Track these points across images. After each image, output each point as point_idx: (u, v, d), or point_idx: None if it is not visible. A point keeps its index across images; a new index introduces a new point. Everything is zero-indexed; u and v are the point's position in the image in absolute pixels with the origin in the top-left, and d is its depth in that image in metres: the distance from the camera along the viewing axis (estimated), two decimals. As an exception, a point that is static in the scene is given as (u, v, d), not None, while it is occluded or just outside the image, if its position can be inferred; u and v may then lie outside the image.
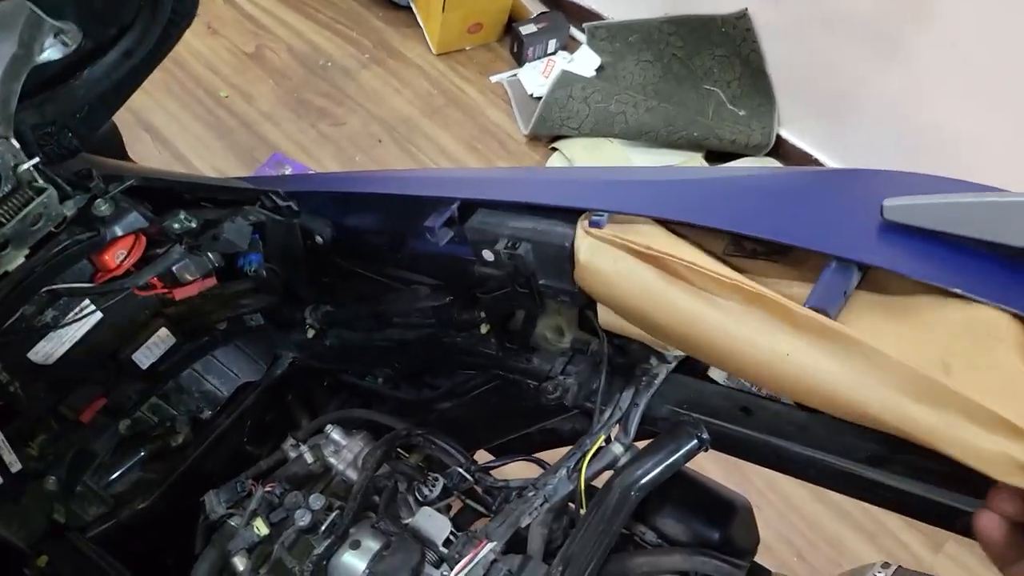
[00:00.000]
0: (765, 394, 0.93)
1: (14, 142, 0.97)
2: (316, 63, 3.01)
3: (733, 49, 2.65)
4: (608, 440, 0.94)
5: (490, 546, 0.85)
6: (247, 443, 1.36)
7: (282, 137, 2.77)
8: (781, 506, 1.98)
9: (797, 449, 0.86)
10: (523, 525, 0.89)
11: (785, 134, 2.71)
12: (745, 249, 0.80)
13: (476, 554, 0.84)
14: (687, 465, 0.99)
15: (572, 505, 0.97)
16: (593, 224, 0.85)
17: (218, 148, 2.70)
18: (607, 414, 0.92)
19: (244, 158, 2.68)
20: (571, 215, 0.87)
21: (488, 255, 0.93)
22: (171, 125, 2.73)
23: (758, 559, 1.02)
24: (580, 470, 0.90)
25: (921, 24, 2.23)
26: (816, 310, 0.68)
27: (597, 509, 0.86)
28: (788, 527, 1.98)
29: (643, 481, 0.87)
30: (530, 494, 0.90)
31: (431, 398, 1.33)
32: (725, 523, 0.99)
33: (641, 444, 0.94)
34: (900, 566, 0.86)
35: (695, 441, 0.89)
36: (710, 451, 0.96)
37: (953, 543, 2.03)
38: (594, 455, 0.92)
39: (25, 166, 0.98)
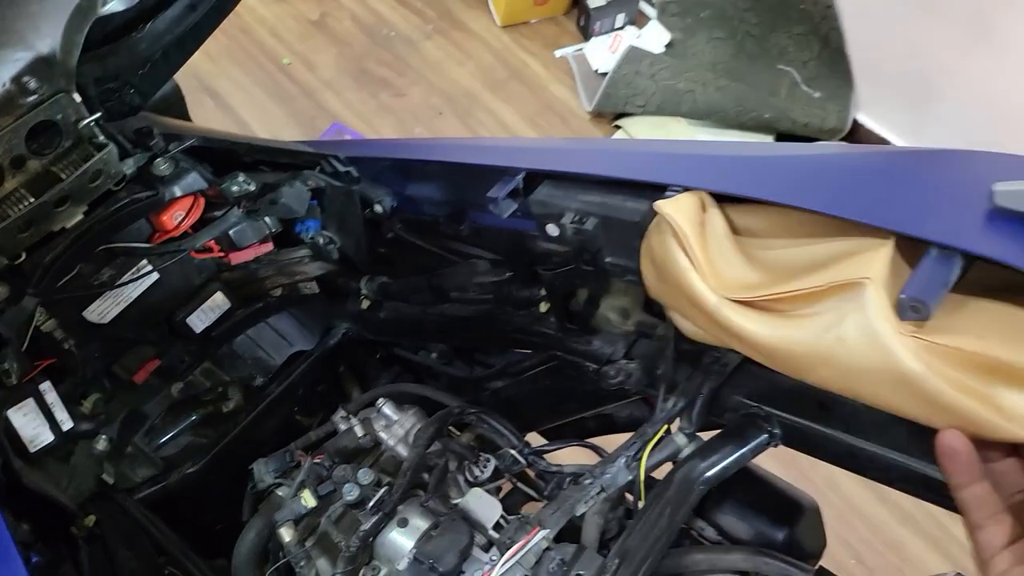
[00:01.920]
0: (843, 390, 0.87)
1: (76, 96, 0.95)
2: (379, 32, 2.98)
3: (812, 27, 2.53)
4: (670, 430, 0.89)
5: (543, 533, 0.81)
6: (297, 413, 1.35)
7: (343, 106, 2.75)
8: (842, 507, 1.91)
9: (876, 450, 0.81)
10: (578, 514, 0.85)
11: (862, 119, 2.59)
12: None
13: (528, 541, 0.80)
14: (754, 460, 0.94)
15: (629, 496, 0.92)
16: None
17: (279, 115, 2.70)
18: (671, 402, 0.87)
19: (305, 126, 2.67)
20: (643, 190, 0.82)
21: (553, 230, 0.89)
22: (234, 91, 2.73)
23: (818, 561, 0.97)
24: (640, 459, 0.85)
25: (1015, 4, 2.10)
26: (914, 301, 0.62)
27: (657, 501, 0.82)
28: (848, 529, 1.90)
29: (708, 474, 0.82)
30: (587, 482, 0.86)
31: (483, 376, 1.30)
32: (790, 523, 0.94)
33: (706, 436, 0.89)
34: (970, 577, 0.79)
35: (765, 435, 0.84)
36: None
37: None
38: (656, 445, 0.87)
39: (86, 121, 0.97)
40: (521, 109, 2.79)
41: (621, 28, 2.97)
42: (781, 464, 1.35)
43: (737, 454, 0.83)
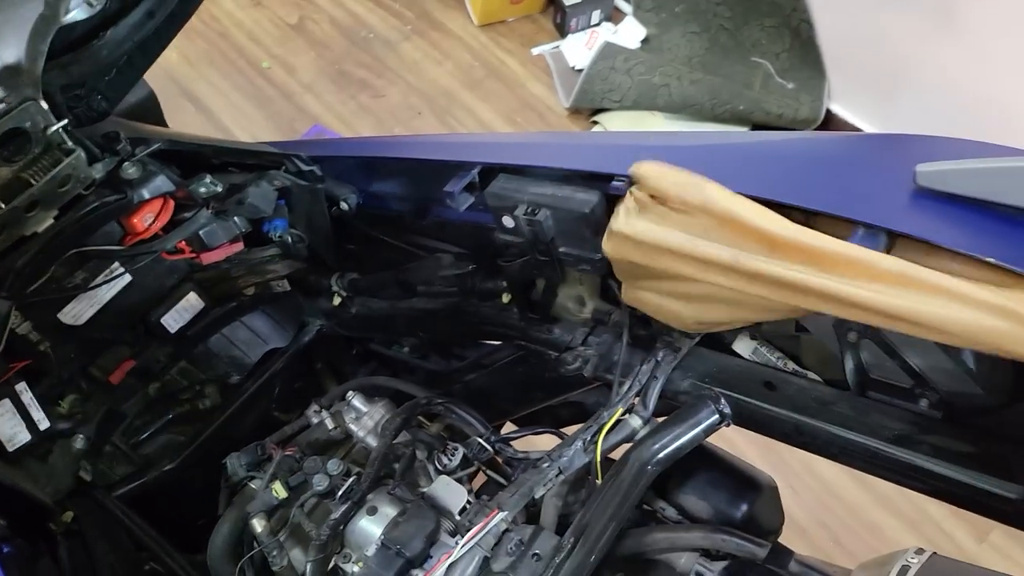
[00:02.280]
0: (791, 369, 0.90)
1: (43, 103, 0.98)
2: (358, 35, 3.00)
3: (783, 20, 2.56)
4: (627, 413, 0.91)
5: (501, 515, 0.84)
6: (276, 409, 1.37)
7: (323, 108, 2.77)
8: (819, 490, 1.93)
9: (821, 426, 0.84)
10: (537, 496, 0.88)
11: (835, 108, 2.62)
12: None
13: (487, 523, 0.82)
14: (712, 442, 0.97)
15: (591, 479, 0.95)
16: (613, 190, 0.83)
17: (259, 118, 2.71)
18: (626, 386, 0.90)
19: (285, 129, 2.69)
20: (593, 181, 0.85)
21: (508, 221, 0.91)
22: (213, 95, 2.75)
23: (792, 542, 0.99)
24: (596, 442, 0.88)
25: (980, -6, 2.13)
26: (840, 279, 0.65)
27: (612, 482, 0.84)
28: (825, 512, 1.93)
29: (661, 455, 0.85)
30: (544, 465, 0.89)
31: (457, 369, 1.32)
32: (748, 501, 0.96)
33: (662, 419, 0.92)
34: (935, 553, 0.82)
35: (716, 415, 0.86)
36: (746, 432, 0.93)
37: (999, 532, 1.96)
38: (612, 428, 0.90)
39: (54, 127, 0.99)
40: (499, 107, 2.82)
41: (597, 25, 3.00)
42: (759, 449, 1.38)
43: (689, 434, 0.85)
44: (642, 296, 0.84)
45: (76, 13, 0.95)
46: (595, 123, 2.74)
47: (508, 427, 1.29)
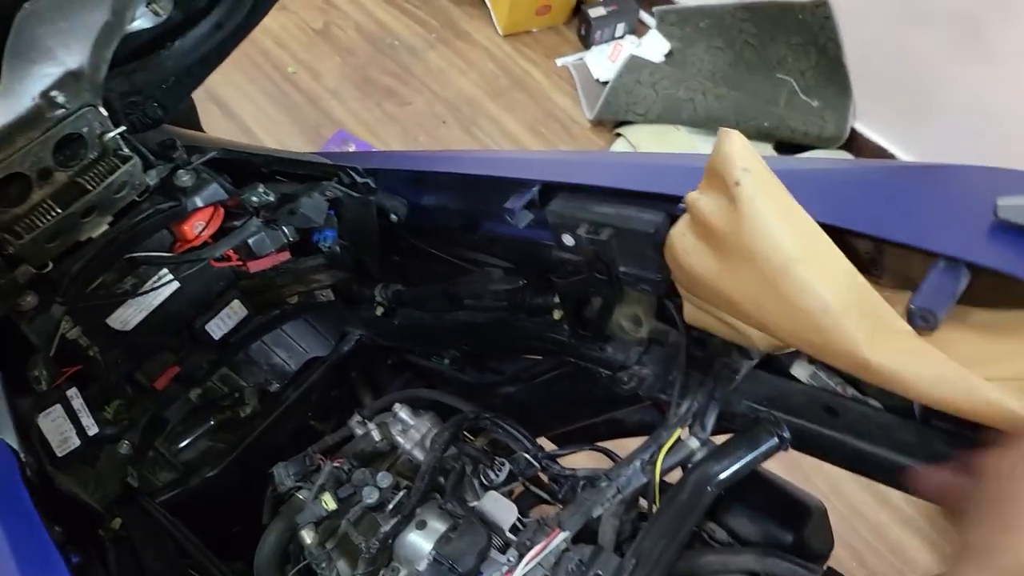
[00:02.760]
0: (850, 395, 0.90)
1: (102, 110, 0.98)
2: (383, 42, 3.01)
3: (810, 37, 2.57)
4: (682, 435, 0.91)
5: (563, 535, 0.83)
6: (312, 418, 1.37)
7: (347, 114, 2.78)
8: (844, 510, 1.93)
9: (883, 453, 0.83)
10: (595, 516, 0.88)
11: (860, 127, 2.62)
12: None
13: (549, 542, 0.82)
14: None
15: (642, 500, 0.95)
16: (680, 211, 0.82)
17: (284, 123, 2.72)
18: (684, 407, 0.90)
19: (309, 134, 2.70)
20: (657, 202, 0.85)
21: (568, 240, 0.91)
22: (239, 99, 2.76)
23: (817, 561, 0.99)
24: (656, 463, 0.88)
25: (1009, 16, 2.13)
26: (922, 311, 0.65)
27: (672, 504, 0.84)
28: (850, 532, 1.93)
29: (720, 477, 0.85)
30: (603, 484, 0.89)
31: (495, 382, 1.32)
32: (799, 525, 0.96)
33: (717, 440, 0.92)
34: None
35: (775, 439, 0.86)
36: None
37: None
38: (669, 449, 0.90)
39: (111, 134, 0.99)
40: (523, 117, 2.82)
41: (621, 37, 3.01)
42: (785, 467, 1.38)
43: (748, 457, 0.85)
44: (705, 318, 0.84)
45: (141, 22, 0.95)
46: (618, 135, 2.74)
47: (542, 442, 1.29)
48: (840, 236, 0.74)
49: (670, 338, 0.96)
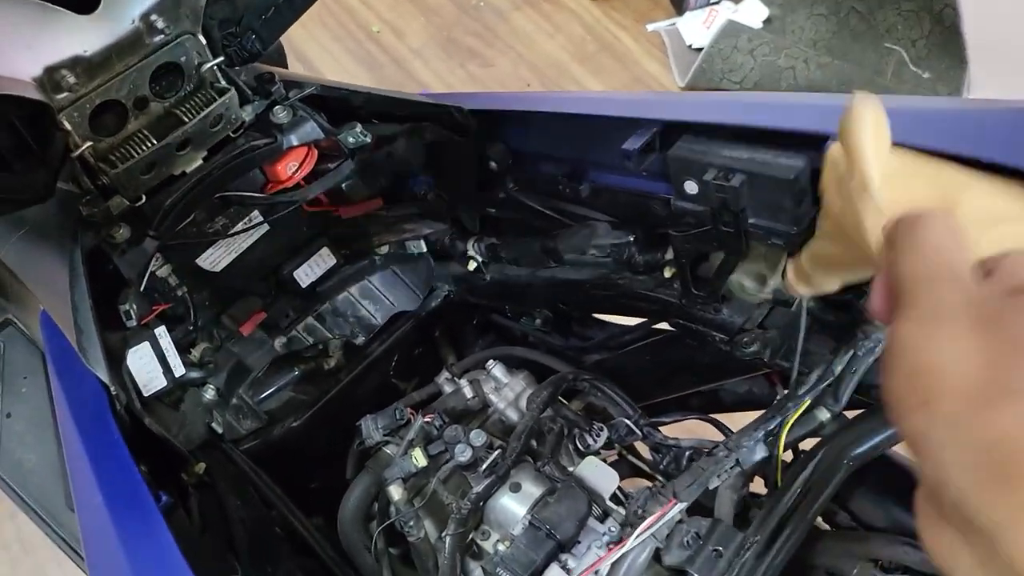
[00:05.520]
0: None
1: (201, 38, 0.94)
2: (468, 2, 2.94)
3: (923, 4, 2.41)
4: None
5: (680, 506, 0.77)
6: (393, 376, 1.33)
7: (430, 75, 2.72)
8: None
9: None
10: (711, 487, 0.81)
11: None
12: None
13: (664, 513, 0.76)
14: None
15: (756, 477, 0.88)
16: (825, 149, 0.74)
17: (367, 82, 2.68)
18: (815, 376, 0.82)
19: (392, 95, 2.65)
20: (798, 145, 0.76)
21: (692, 187, 0.84)
22: (324, 57, 2.73)
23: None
24: (781, 435, 0.80)
25: None
26: None
27: (800, 478, 0.77)
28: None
29: (855, 452, 0.77)
30: (722, 454, 0.81)
31: (581, 347, 1.26)
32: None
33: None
34: None
35: (918, 415, 0.78)
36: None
37: None
38: (797, 421, 0.82)
39: (209, 64, 0.95)
40: (611, 82, 2.73)
41: (717, 3, 2.87)
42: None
43: (888, 432, 0.77)
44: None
45: (245, -58, 0.90)
46: (711, 104, 2.63)
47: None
48: None
49: (799, 300, 0.87)
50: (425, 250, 1.22)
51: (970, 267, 0.36)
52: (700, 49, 2.64)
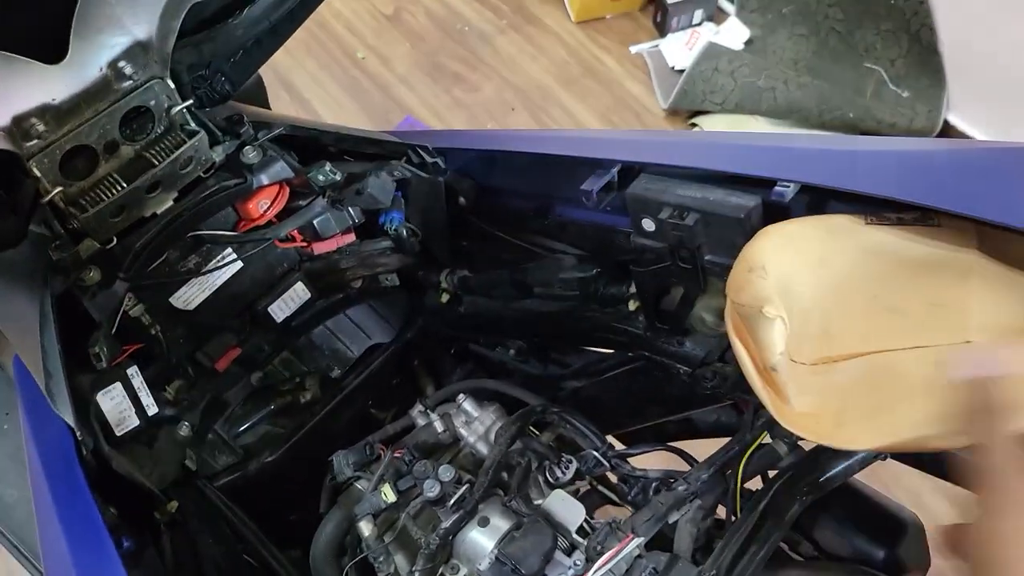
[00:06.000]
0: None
1: (170, 82, 0.96)
2: (453, 27, 2.97)
3: (902, 24, 2.43)
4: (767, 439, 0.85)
5: (637, 541, 0.78)
6: (372, 406, 1.34)
7: (416, 100, 2.75)
8: (925, 523, 1.82)
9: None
10: (670, 521, 0.82)
11: (953, 120, 2.48)
12: (889, 219, 0.70)
13: (621, 549, 0.77)
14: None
15: (720, 508, 0.89)
16: (776, 196, 0.76)
17: (353, 108, 2.71)
18: (771, 408, 0.83)
19: (378, 120, 2.68)
20: (748, 185, 0.78)
21: (649, 225, 0.85)
22: (309, 84, 2.75)
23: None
24: (738, 468, 0.81)
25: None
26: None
27: (756, 511, 0.78)
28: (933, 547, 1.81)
29: (812, 485, 0.78)
30: (680, 488, 0.82)
31: (560, 375, 1.27)
32: (892, 540, 0.89)
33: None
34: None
35: (873, 448, 0.79)
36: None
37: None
38: (753, 452, 0.83)
39: (179, 108, 0.97)
40: (595, 105, 2.75)
41: (699, 24, 2.91)
42: (861, 476, 1.29)
43: (843, 465, 0.79)
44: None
45: (210, -10, 0.92)
46: (693, 125, 2.65)
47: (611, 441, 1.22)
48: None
49: (757, 334, 0.89)
50: (398, 283, 1.23)
51: None
52: (683, 71, 2.66)
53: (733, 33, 2.78)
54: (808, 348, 0.68)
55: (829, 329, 0.68)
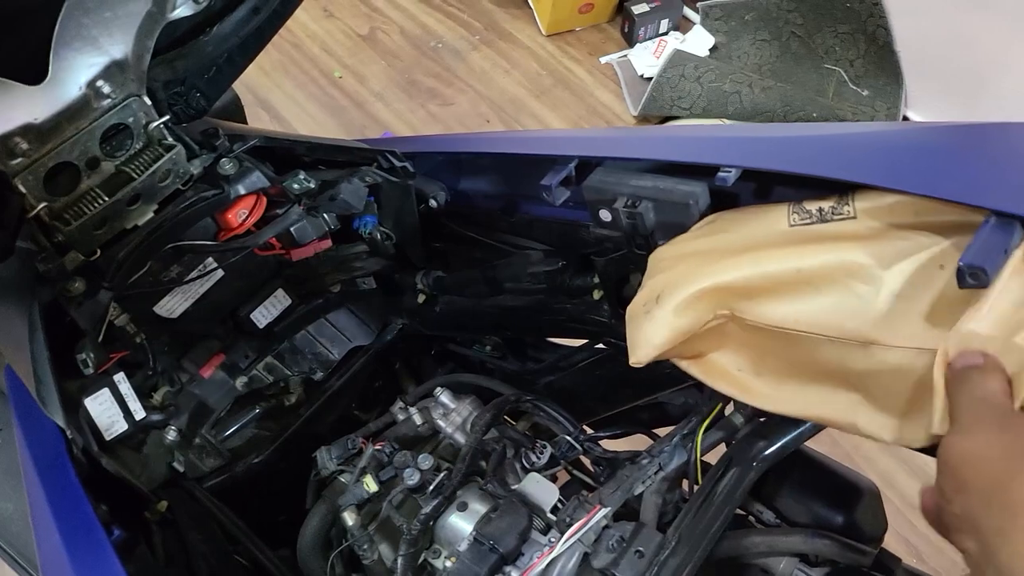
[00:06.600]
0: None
1: (146, 99, 1.00)
2: (427, 44, 3.04)
3: (858, 25, 2.52)
4: (723, 412, 0.89)
5: (604, 512, 0.82)
6: (355, 408, 1.38)
7: (392, 116, 2.80)
8: (900, 504, 1.87)
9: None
10: (636, 493, 0.86)
11: (912, 116, 2.56)
12: (812, 215, 0.75)
13: (590, 519, 0.81)
14: (811, 446, 0.94)
15: (686, 481, 0.93)
16: (720, 181, 0.81)
17: (331, 126, 2.76)
18: (727, 383, 0.88)
19: (355, 136, 2.73)
20: (695, 173, 0.83)
21: (605, 215, 0.90)
22: (287, 104, 2.80)
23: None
24: (696, 439, 0.86)
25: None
26: (973, 269, 0.62)
27: (714, 481, 0.83)
28: (907, 526, 1.86)
29: (765, 453, 0.83)
30: (644, 461, 0.87)
31: (535, 370, 1.31)
32: (850, 506, 0.93)
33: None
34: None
35: (822, 415, 0.84)
36: (821, 440, 0.90)
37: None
38: (713, 426, 0.88)
39: (156, 123, 1.02)
40: (567, 115, 2.82)
41: (665, 33, 2.98)
42: (838, 458, 1.34)
43: (793, 433, 0.83)
44: None
45: (182, 10, 0.96)
46: (664, 131, 2.72)
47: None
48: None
49: (712, 313, 0.94)
50: (375, 286, 1.27)
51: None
52: (651, 79, 2.73)
53: (698, 41, 2.86)
54: None
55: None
